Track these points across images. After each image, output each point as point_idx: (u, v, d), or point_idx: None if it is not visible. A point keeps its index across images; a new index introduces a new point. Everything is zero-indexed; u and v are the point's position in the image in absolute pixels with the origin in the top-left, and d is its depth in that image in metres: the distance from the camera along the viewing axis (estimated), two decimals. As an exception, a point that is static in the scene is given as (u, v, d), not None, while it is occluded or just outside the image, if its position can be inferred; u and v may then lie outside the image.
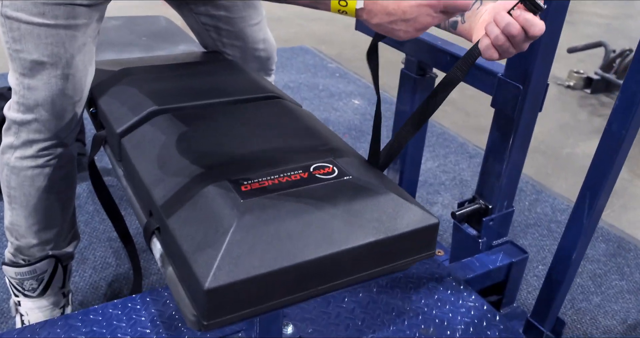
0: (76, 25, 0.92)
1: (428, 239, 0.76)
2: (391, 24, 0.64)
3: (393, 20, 0.64)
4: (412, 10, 0.62)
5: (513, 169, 1.16)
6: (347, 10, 0.64)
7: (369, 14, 0.64)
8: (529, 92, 1.06)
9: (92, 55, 0.99)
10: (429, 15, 0.63)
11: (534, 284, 1.44)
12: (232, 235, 0.65)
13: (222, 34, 1.20)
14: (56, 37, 0.90)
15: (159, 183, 0.78)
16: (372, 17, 0.64)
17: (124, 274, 1.41)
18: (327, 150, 0.84)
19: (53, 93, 0.94)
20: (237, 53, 1.22)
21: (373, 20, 0.65)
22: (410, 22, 0.63)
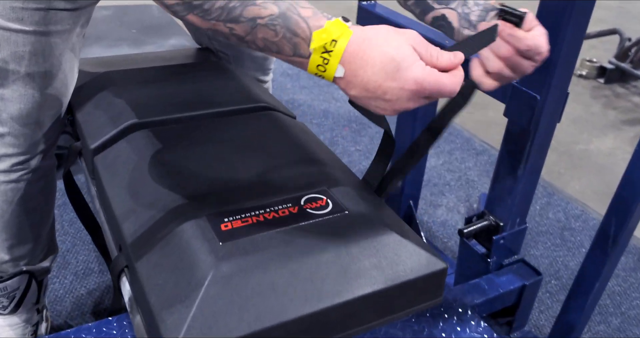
0: (57, 32, 0.82)
1: (435, 286, 0.67)
2: (369, 99, 0.56)
3: (371, 96, 0.56)
4: (393, 93, 0.55)
5: (527, 184, 1.06)
6: (324, 76, 0.57)
7: (347, 85, 0.57)
8: (547, 103, 0.95)
9: (75, 63, 0.89)
10: (410, 100, 0.55)
11: (546, 302, 1.36)
12: (207, 288, 0.56)
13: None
14: (35, 45, 0.80)
15: (130, 215, 0.68)
16: (350, 89, 0.57)
17: (106, 282, 1.33)
18: (321, 175, 0.74)
19: (28, 105, 0.84)
20: (233, 52, 1.12)
21: (351, 91, 0.57)
22: (390, 103, 0.56)
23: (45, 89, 0.83)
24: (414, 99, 0.56)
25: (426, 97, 0.56)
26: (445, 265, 0.66)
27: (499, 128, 0.94)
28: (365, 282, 0.61)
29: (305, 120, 2.11)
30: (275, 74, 2.46)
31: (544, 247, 1.54)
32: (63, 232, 1.45)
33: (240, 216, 0.65)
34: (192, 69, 1.03)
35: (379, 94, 0.55)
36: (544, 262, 1.49)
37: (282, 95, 2.28)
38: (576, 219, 1.65)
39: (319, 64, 0.56)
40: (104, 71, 0.97)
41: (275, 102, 0.95)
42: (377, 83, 0.55)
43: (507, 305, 1.14)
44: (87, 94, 0.91)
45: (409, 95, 0.55)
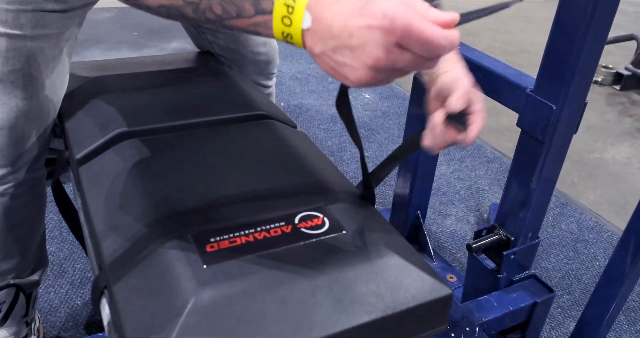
0: (44, 36, 0.76)
1: (439, 313, 0.61)
2: (335, 53, 0.46)
3: (337, 46, 0.46)
4: (360, 34, 0.45)
5: (540, 198, 1.00)
6: (291, 33, 0.48)
7: (313, 39, 0.47)
8: (564, 113, 0.90)
9: (64, 68, 0.83)
10: (379, 45, 0.44)
11: (558, 318, 1.30)
12: (186, 317, 0.52)
13: (218, 37, 1.05)
14: (20, 50, 0.75)
15: (110, 232, 0.64)
16: (315, 43, 0.47)
17: (104, 293, 1.29)
18: (319, 190, 0.69)
19: (13, 115, 0.79)
20: (234, 57, 1.08)
21: (316, 47, 0.47)
22: (357, 52, 0.45)
23: (30, 98, 0.78)
24: (385, 45, 0.44)
25: (402, 47, 0.45)
26: (451, 291, 0.61)
27: (512, 135, 0.89)
28: (363, 310, 0.56)
29: (313, 125, 2.06)
30: (284, 78, 2.42)
31: (556, 259, 1.48)
32: (61, 238, 1.41)
33: (228, 236, 0.60)
34: (190, 74, 0.99)
35: (343, 39, 0.45)
36: (555, 275, 1.43)
37: (290, 99, 2.24)
38: (590, 231, 1.58)
39: (284, 15, 0.47)
40: (96, 76, 0.93)
41: (275, 110, 0.90)
42: (342, 23, 0.45)
43: (517, 322, 1.08)
44: (77, 99, 0.87)
45: (377, 37, 0.44)
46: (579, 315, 1.07)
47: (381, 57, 0.45)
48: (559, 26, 0.85)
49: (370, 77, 0.47)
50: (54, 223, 1.45)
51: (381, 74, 0.46)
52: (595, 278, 1.42)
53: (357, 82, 0.47)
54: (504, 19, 3.37)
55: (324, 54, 0.47)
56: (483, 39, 2.99)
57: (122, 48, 1.14)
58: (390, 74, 0.47)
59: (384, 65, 0.45)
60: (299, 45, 0.49)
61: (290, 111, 2.14)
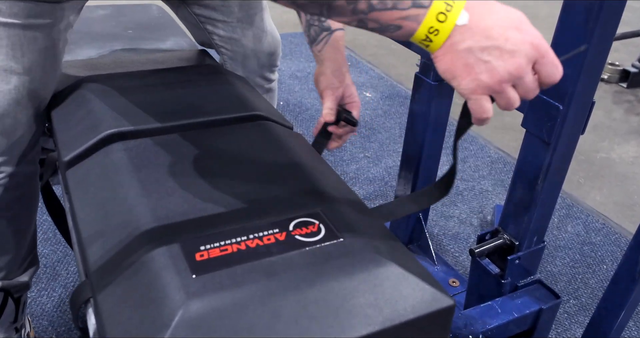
0: (37, 26, 0.77)
1: (440, 325, 0.58)
2: (483, 51, 0.50)
3: (490, 46, 0.50)
4: (516, 42, 0.50)
5: (545, 201, 0.97)
6: (441, 28, 0.51)
7: (465, 34, 0.51)
8: (570, 113, 0.86)
9: (56, 61, 0.83)
10: (526, 56, 0.50)
11: (564, 324, 1.27)
12: (173, 330, 0.49)
13: (218, 26, 1.02)
14: (12, 39, 0.75)
15: (97, 239, 0.61)
16: (467, 39, 0.51)
17: (99, 296, 1.26)
18: (315, 195, 0.66)
19: (5, 103, 0.78)
20: (235, 48, 1.05)
21: (465, 42, 0.50)
22: (506, 55, 0.50)
23: (22, 86, 0.77)
24: (529, 58, 0.51)
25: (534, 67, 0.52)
26: (453, 302, 0.58)
27: (516, 134, 0.86)
28: (359, 323, 0.53)
29: (313, 124, 2.03)
30: (284, 76, 2.39)
31: (562, 263, 1.45)
32: (55, 241, 1.39)
33: (218, 244, 0.57)
34: (184, 73, 0.96)
35: (500, 41, 0.50)
36: (561, 279, 1.40)
37: (289, 98, 2.21)
38: (597, 233, 1.55)
39: (440, 12, 0.50)
40: (86, 75, 0.90)
41: (271, 110, 0.87)
42: (503, 28, 0.50)
43: (522, 329, 1.05)
44: (67, 99, 0.85)
45: (528, 51, 0.50)
46: (587, 321, 1.04)
47: (523, 67, 0.51)
48: (564, 22, 0.82)
49: (500, 83, 0.51)
50: (48, 225, 1.43)
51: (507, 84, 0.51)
52: (602, 282, 1.38)
53: (487, 81, 0.51)
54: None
55: (470, 49, 0.51)
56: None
57: (116, 46, 1.11)
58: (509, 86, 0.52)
59: (518, 74, 0.51)
60: (435, 42, 0.51)
61: (289, 110, 2.11)
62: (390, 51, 2.74)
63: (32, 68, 0.78)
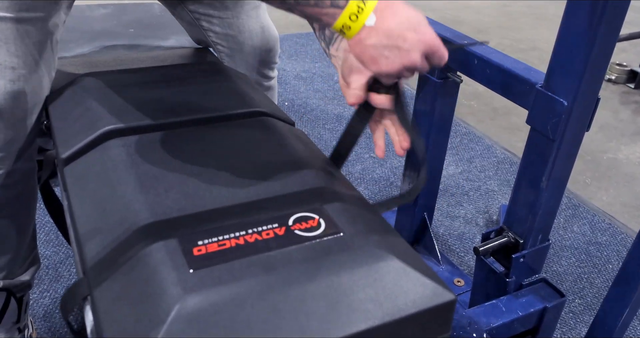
0: (30, 19, 0.77)
1: (441, 320, 0.57)
2: (384, 48, 0.62)
3: (389, 44, 0.61)
4: (412, 42, 0.62)
5: (550, 199, 0.96)
6: (352, 26, 0.61)
7: (370, 34, 0.61)
8: (575, 109, 0.85)
9: (51, 55, 0.83)
10: (419, 52, 0.62)
11: (569, 323, 1.25)
12: (169, 325, 0.48)
13: (214, 23, 1.02)
14: (5, 33, 0.75)
15: (94, 235, 0.60)
16: (370, 37, 0.61)
17: (102, 296, 1.26)
18: (315, 190, 0.65)
19: (1, 98, 0.78)
20: (232, 45, 1.04)
21: (371, 39, 0.61)
22: (403, 53, 0.62)
23: (17, 81, 0.77)
24: (422, 53, 0.62)
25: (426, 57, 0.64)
26: (454, 296, 0.57)
27: (523, 134, 0.85)
28: (359, 318, 0.52)
29: (318, 125, 2.02)
30: (288, 77, 2.38)
31: (567, 262, 1.43)
32: (57, 242, 1.39)
33: (217, 238, 0.57)
34: (185, 70, 0.95)
35: (398, 42, 0.61)
36: (567, 278, 1.38)
37: (295, 98, 2.20)
38: (603, 233, 1.53)
39: (352, 13, 0.60)
40: (85, 72, 0.90)
41: (273, 107, 0.87)
42: (401, 31, 0.61)
43: (526, 328, 1.04)
44: (66, 96, 0.84)
45: (423, 48, 0.62)
46: (592, 320, 1.02)
47: (416, 61, 0.63)
48: (569, 18, 0.81)
49: (397, 72, 0.63)
50: (50, 226, 1.43)
51: (405, 71, 0.64)
52: (608, 282, 1.37)
53: (387, 71, 0.63)
54: (514, 16, 3.32)
55: (374, 46, 0.62)
56: (493, 36, 2.94)
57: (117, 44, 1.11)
58: (408, 73, 0.65)
59: (412, 66, 0.63)
60: (347, 34, 0.62)
61: (294, 110, 2.11)
62: (395, 52, 2.73)
63: (27, 62, 0.77)
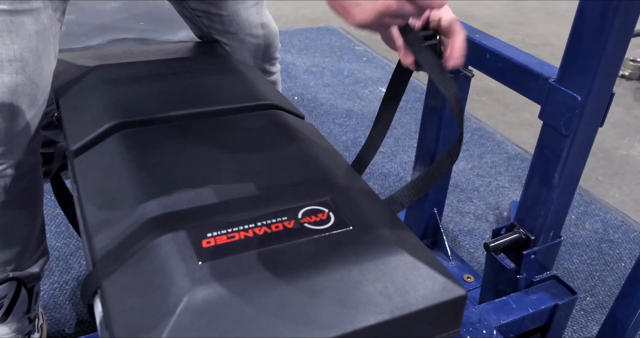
0: (24, 11, 0.76)
1: (451, 315, 0.57)
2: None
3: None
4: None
5: (563, 195, 0.95)
6: None
7: None
8: (589, 104, 0.84)
9: (50, 47, 0.82)
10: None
11: (581, 321, 1.24)
12: (178, 317, 0.48)
13: (214, 20, 1.02)
14: (0, 25, 0.74)
15: (103, 227, 0.60)
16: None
17: (111, 289, 1.27)
18: (325, 184, 0.65)
19: (0, 91, 0.78)
20: (232, 41, 1.05)
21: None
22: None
23: (16, 74, 0.77)
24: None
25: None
26: (464, 292, 0.56)
27: (535, 131, 0.84)
28: (369, 312, 0.52)
29: (328, 119, 2.02)
30: (298, 71, 2.38)
31: (579, 260, 1.42)
32: (68, 234, 1.39)
33: (225, 230, 0.56)
34: (194, 62, 0.95)
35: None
36: (578, 276, 1.37)
37: (304, 93, 2.20)
38: (615, 230, 1.52)
39: None
40: (95, 65, 0.90)
41: (282, 100, 0.86)
42: None
43: (537, 325, 1.03)
44: (76, 89, 0.84)
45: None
46: (603, 318, 1.01)
47: (392, 4, 0.53)
48: (584, 12, 0.80)
49: (375, 20, 0.54)
50: (61, 218, 1.43)
51: (384, 18, 0.54)
52: (620, 280, 1.35)
53: (361, 22, 0.55)
54: (526, 11, 3.29)
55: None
56: (504, 31, 2.91)
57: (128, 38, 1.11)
58: (391, 20, 0.55)
59: (392, 11, 0.53)
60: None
61: (304, 105, 2.10)
62: (406, 47, 2.71)
63: (24, 54, 0.77)
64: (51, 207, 1.44)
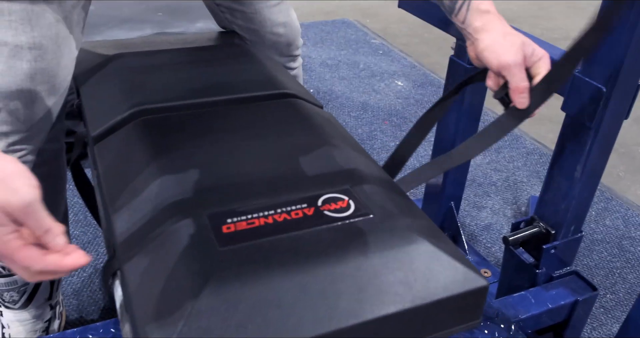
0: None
1: (472, 306, 0.56)
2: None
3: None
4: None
5: (585, 189, 0.93)
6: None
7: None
8: (614, 96, 0.82)
9: (72, 33, 0.83)
10: None
11: (600, 318, 1.22)
12: (199, 300, 0.48)
13: (237, 16, 1.02)
14: (21, 14, 0.75)
15: (123, 212, 0.60)
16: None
17: (128, 278, 1.28)
18: (345, 172, 0.64)
19: (18, 78, 0.78)
20: (254, 37, 1.05)
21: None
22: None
23: (35, 61, 0.77)
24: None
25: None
26: (486, 283, 0.55)
27: (553, 126, 0.83)
28: (389, 300, 0.51)
29: (343, 112, 2.01)
30: (314, 64, 2.37)
31: (599, 257, 1.40)
32: (85, 222, 1.41)
33: (246, 217, 0.56)
34: (213, 52, 0.95)
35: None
36: (598, 273, 1.35)
37: (320, 85, 2.19)
38: (637, 227, 1.49)
39: None
40: (115, 53, 0.90)
41: (301, 89, 0.86)
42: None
43: (556, 321, 1.01)
44: (96, 76, 0.85)
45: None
46: (624, 316, 1.00)
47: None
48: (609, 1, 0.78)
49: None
50: (79, 207, 1.45)
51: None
52: (641, 278, 1.33)
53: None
54: (545, 5, 3.24)
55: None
56: (524, 25, 2.87)
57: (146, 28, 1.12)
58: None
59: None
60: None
61: (319, 98, 2.09)
62: (423, 40, 2.70)
63: (43, 42, 0.77)
64: (69, 196, 1.45)
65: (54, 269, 0.53)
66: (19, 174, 0.53)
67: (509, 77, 0.75)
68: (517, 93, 0.75)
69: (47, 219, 0.54)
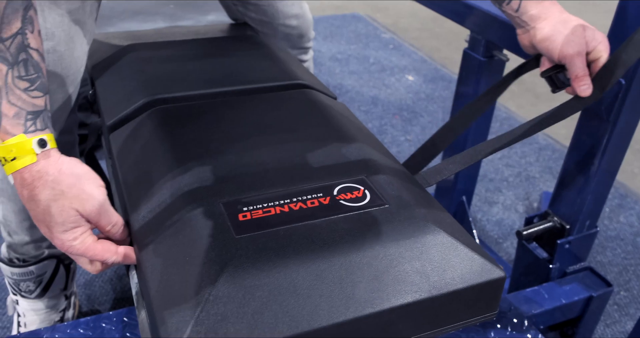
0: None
1: (489, 297, 0.56)
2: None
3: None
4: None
5: (600, 184, 0.92)
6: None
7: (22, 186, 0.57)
8: (633, 88, 0.81)
9: (85, 23, 0.83)
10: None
11: (614, 315, 1.21)
12: (216, 288, 0.48)
13: (249, 8, 1.02)
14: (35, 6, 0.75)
15: (140, 200, 0.60)
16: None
17: (139, 269, 1.28)
18: (360, 163, 0.64)
19: None
20: (266, 30, 1.04)
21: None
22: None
23: (47, 53, 0.77)
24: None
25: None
26: (504, 274, 0.55)
27: (566, 122, 0.82)
28: (405, 290, 0.51)
29: (353, 107, 2.00)
30: (324, 58, 2.36)
31: (613, 253, 1.38)
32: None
33: (261, 205, 0.56)
34: (226, 43, 0.95)
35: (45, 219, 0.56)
36: (612, 270, 1.33)
37: (330, 80, 2.18)
38: (651, 224, 1.48)
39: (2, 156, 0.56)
40: (129, 44, 0.90)
41: (314, 80, 0.85)
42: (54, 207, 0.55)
43: (569, 317, 1.01)
44: (110, 67, 0.85)
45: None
46: (638, 314, 0.99)
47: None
48: None
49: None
50: (92, 198, 1.45)
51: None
52: (655, 275, 1.32)
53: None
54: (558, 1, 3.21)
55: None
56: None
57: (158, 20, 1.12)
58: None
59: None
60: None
61: (331, 93, 2.09)
62: (434, 34, 2.68)
63: (56, 33, 0.77)
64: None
65: (124, 260, 0.58)
66: (88, 177, 0.57)
67: (570, 66, 0.73)
68: (579, 81, 0.73)
69: (115, 214, 0.59)
